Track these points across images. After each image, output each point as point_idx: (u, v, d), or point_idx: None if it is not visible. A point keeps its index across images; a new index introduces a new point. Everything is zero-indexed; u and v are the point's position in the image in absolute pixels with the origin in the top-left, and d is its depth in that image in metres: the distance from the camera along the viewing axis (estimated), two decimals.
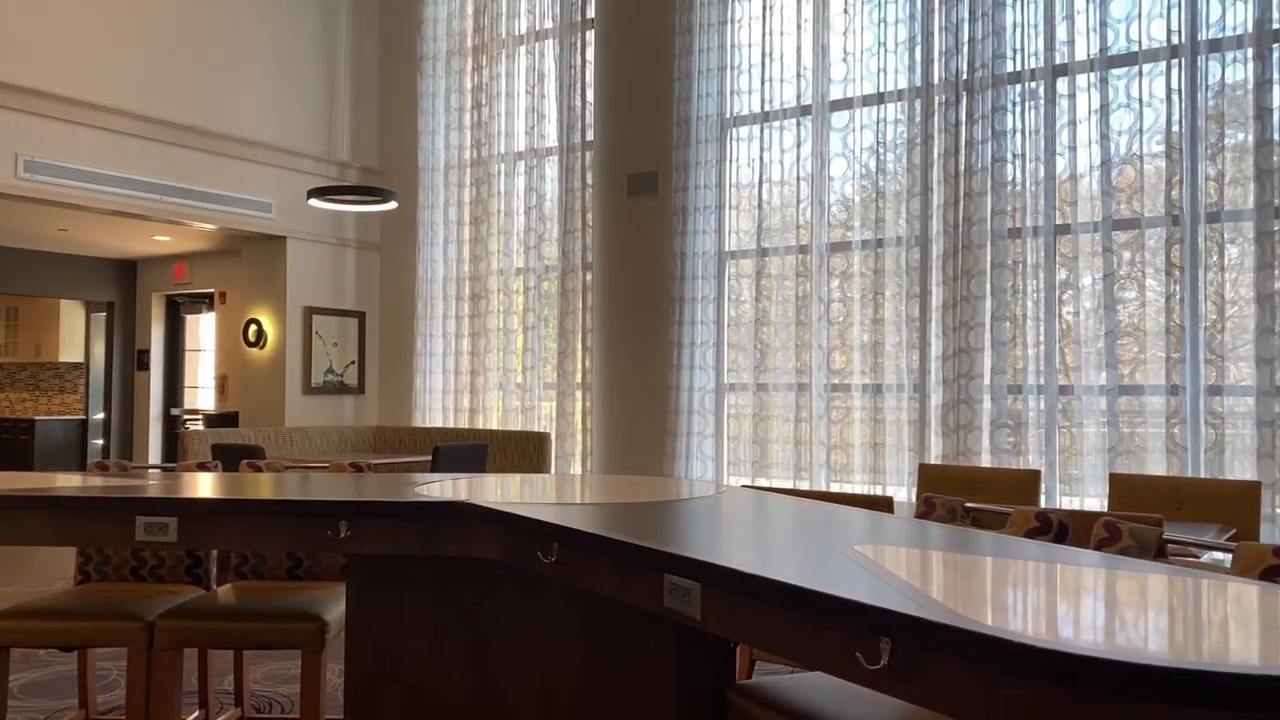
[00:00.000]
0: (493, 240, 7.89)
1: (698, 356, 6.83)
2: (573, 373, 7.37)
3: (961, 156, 5.79)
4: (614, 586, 2.14)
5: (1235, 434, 5.07)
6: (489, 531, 2.50)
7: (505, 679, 2.70)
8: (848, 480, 6.32)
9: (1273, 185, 4.93)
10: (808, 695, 2.23)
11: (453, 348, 8.06)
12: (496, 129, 7.89)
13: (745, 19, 6.78)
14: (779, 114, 6.60)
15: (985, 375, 5.71)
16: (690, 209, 6.84)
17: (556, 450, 7.40)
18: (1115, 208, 5.40)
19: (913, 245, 6.04)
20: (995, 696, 1.38)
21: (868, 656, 1.55)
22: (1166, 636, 1.40)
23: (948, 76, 5.86)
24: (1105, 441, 5.35)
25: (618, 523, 2.33)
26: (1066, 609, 1.56)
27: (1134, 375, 5.38)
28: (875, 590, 1.62)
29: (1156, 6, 5.30)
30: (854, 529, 2.30)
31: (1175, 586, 1.69)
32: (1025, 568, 1.85)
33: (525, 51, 7.81)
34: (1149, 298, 5.33)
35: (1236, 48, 5.08)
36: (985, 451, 5.69)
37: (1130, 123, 5.37)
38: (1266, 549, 1.83)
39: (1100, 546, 2.15)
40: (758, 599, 1.76)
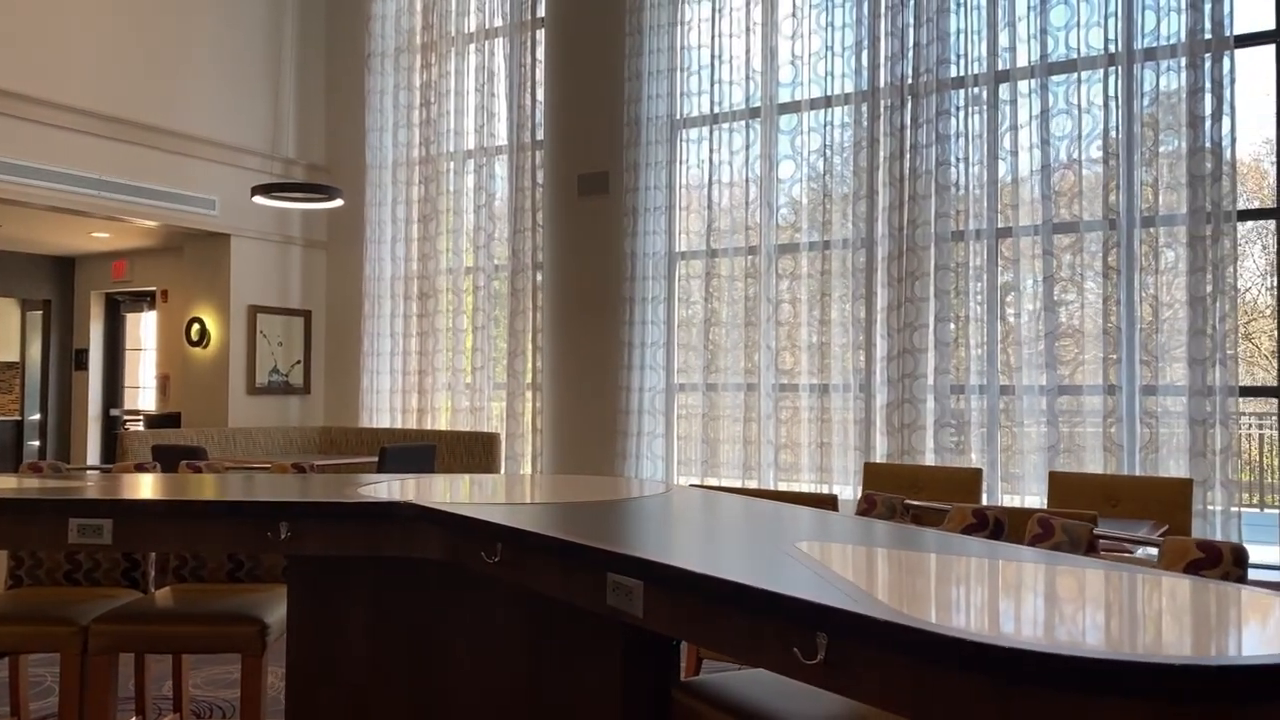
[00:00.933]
0: (441, 239, 7.83)
1: (648, 357, 6.84)
2: (523, 373, 7.34)
3: (906, 160, 5.88)
4: (557, 586, 2.14)
5: (1169, 433, 5.21)
6: (432, 532, 2.49)
7: (449, 680, 2.68)
8: (795, 479, 6.38)
9: (1204, 191, 5.08)
10: (750, 691, 2.25)
11: (400, 347, 7.98)
12: (445, 127, 7.83)
13: (695, 21, 6.81)
14: (728, 116, 6.65)
15: (929, 375, 5.80)
16: (640, 209, 6.85)
17: (506, 451, 7.37)
18: (1055, 211, 5.52)
19: (859, 247, 6.11)
20: (926, 689, 1.41)
21: (805, 652, 1.57)
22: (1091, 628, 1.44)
23: (893, 81, 5.94)
24: (1045, 440, 5.46)
25: (562, 522, 2.33)
26: (997, 602, 1.60)
27: (1073, 376, 5.50)
28: (813, 586, 1.64)
29: (1094, 15, 5.43)
30: (795, 526, 2.32)
31: (1100, 580, 1.74)
32: (959, 563, 1.88)
33: (475, 50, 7.76)
34: (1087, 300, 5.46)
35: (1170, 57, 5.22)
36: (929, 450, 5.78)
37: (1070, 128, 5.49)
38: (1191, 543, 1.89)
39: (1034, 542, 2.20)
40: (699, 596, 1.77)
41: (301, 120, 8.60)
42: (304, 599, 2.91)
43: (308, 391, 8.62)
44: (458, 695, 2.66)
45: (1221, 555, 1.86)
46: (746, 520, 2.46)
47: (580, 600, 2.06)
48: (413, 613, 2.76)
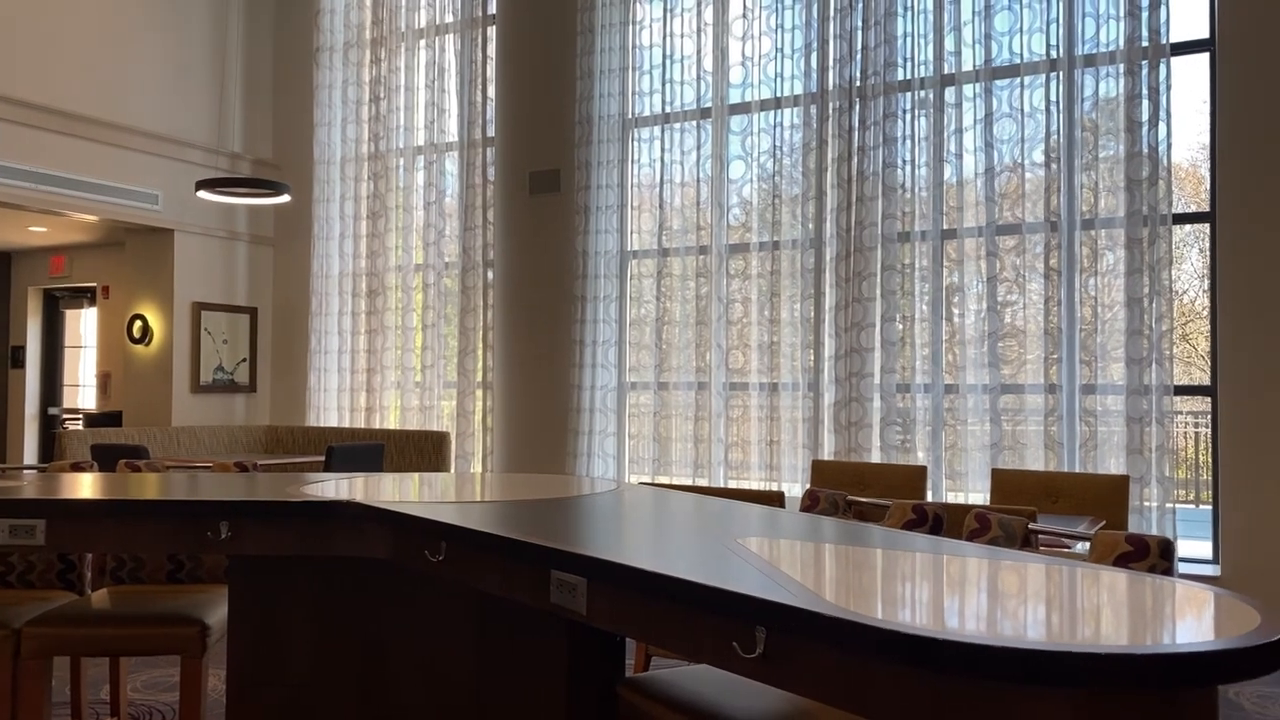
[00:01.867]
0: (391, 236, 7.76)
1: (599, 355, 6.85)
2: (473, 371, 7.30)
3: (854, 162, 5.95)
4: (501, 584, 2.13)
5: (1107, 431, 5.33)
6: (376, 531, 2.47)
7: (393, 679, 2.66)
8: (745, 477, 6.43)
9: (1142, 195, 5.21)
10: (694, 687, 2.27)
11: (349, 345, 7.89)
12: (395, 123, 7.76)
13: (647, 21, 6.83)
14: (680, 116, 6.67)
15: (876, 374, 5.88)
16: (592, 208, 6.85)
17: (456, 450, 7.32)
18: (999, 214, 5.62)
19: (808, 248, 6.17)
20: (862, 681, 1.43)
21: (744, 646, 1.59)
22: (1021, 620, 1.47)
23: (842, 83, 6.01)
24: (988, 438, 5.56)
25: (508, 520, 2.33)
26: (930, 596, 1.63)
27: (1015, 375, 5.61)
28: (753, 581, 1.66)
29: (1037, 21, 5.54)
30: (739, 523, 2.34)
31: (1031, 574, 1.78)
32: (896, 558, 1.92)
33: (425, 45, 7.70)
34: (1030, 300, 5.57)
35: (1109, 63, 5.35)
36: (875, 448, 5.85)
37: (1013, 132, 5.60)
38: (1120, 537, 1.94)
39: (972, 537, 2.24)
40: (640, 592, 1.78)
41: (248, 114, 8.46)
42: (246, 599, 2.87)
43: (253, 390, 8.48)
44: (403, 695, 2.64)
45: (1149, 548, 1.91)
46: (690, 517, 2.48)
47: (524, 598, 2.06)
48: (357, 612, 2.74)
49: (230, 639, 2.87)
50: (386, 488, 2.86)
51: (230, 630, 2.87)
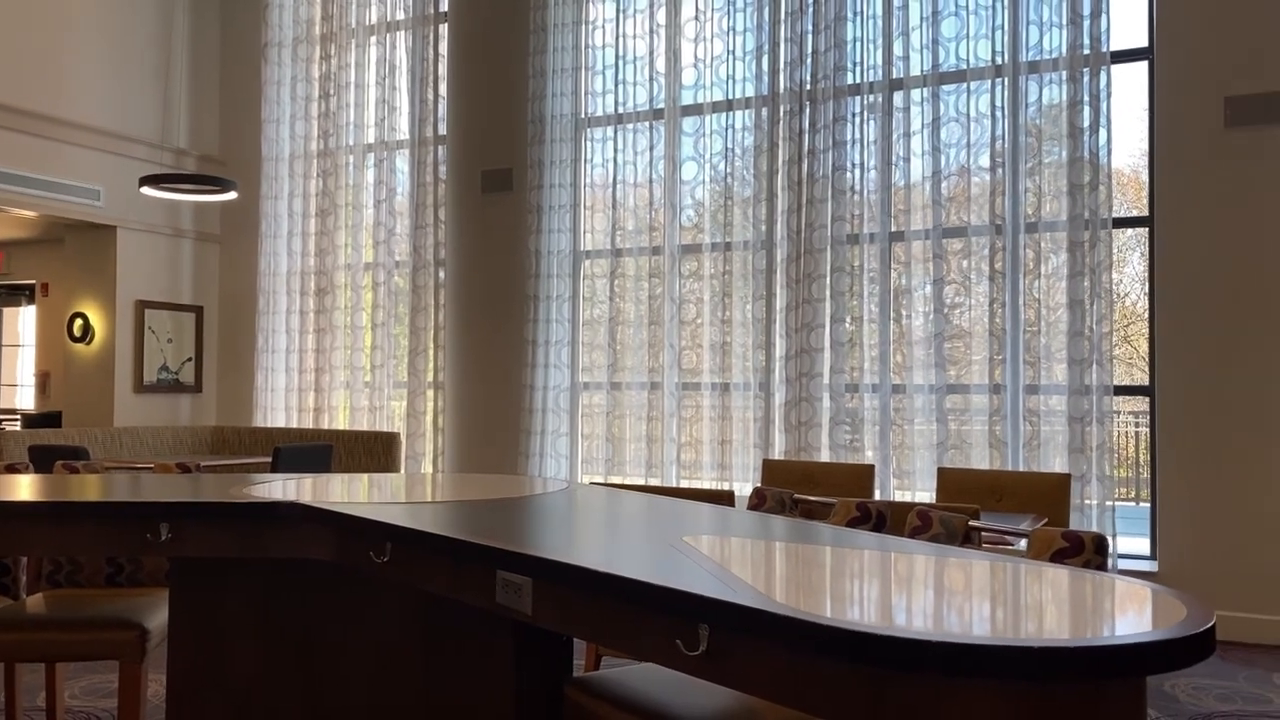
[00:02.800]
0: (340, 234, 7.67)
1: (552, 355, 6.83)
2: (424, 371, 7.24)
3: (805, 164, 6.00)
4: (447, 585, 2.12)
5: (1050, 430, 5.44)
6: (319, 532, 2.44)
7: (339, 682, 2.63)
8: (697, 476, 6.45)
9: (1083, 199, 5.32)
10: (643, 686, 2.28)
11: (297, 344, 7.79)
12: (345, 120, 7.67)
13: (599, 21, 6.83)
14: (632, 116, 6.68)
15: (825, 375, 5.94)
16: (545, 207, 6.84)
17: (407, 450, 7.26)
18: (945, 217, 5.71)
19: (759, 249, 6.22)
20: (803, 677, 1.45)
21: (687, 643, 1.60)
22: (958, 614, 1.50)
23: (792, 86, 6.06)
24: (935, 437, 5.65)
25: (455, 521, 2.32)
26: (870, 591, 1.65)
27: (961, 375, 5.70)
28: (696, 579, 1.67)
29: (983, 28, 5.64)
30: (686, 521, 2.36)
31: (968, 569, 1.82)
32: (838, 554, 1.94)
33: (376, 42, 7.63)
34: (975, 302, 5.66)
35: (1052, 70, 5.46)
36: (825, 447, 5.91)
37: (959, 136, 5.69)
38: (1056, 534, 1.99)
39: (914, 534, 2.28)
40: (585, 591, 1.78)
41: (194, 109, 8.31)
42: (187, 602, 2.82)
43: (199, 390, 8.34)
44: (349, 697, 2.62)
45: (1084, 544, 1.96)
46: (637, 516, 2.48)
47: (469, 598, 2.06)
48: (303, 615, 2.70)
49: (171, 643, 2.82)
50: (332, 489, 2.83)
51: (171, 634, 2.82)
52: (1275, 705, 3.97)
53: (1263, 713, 3.87)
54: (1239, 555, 5.07)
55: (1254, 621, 5.01)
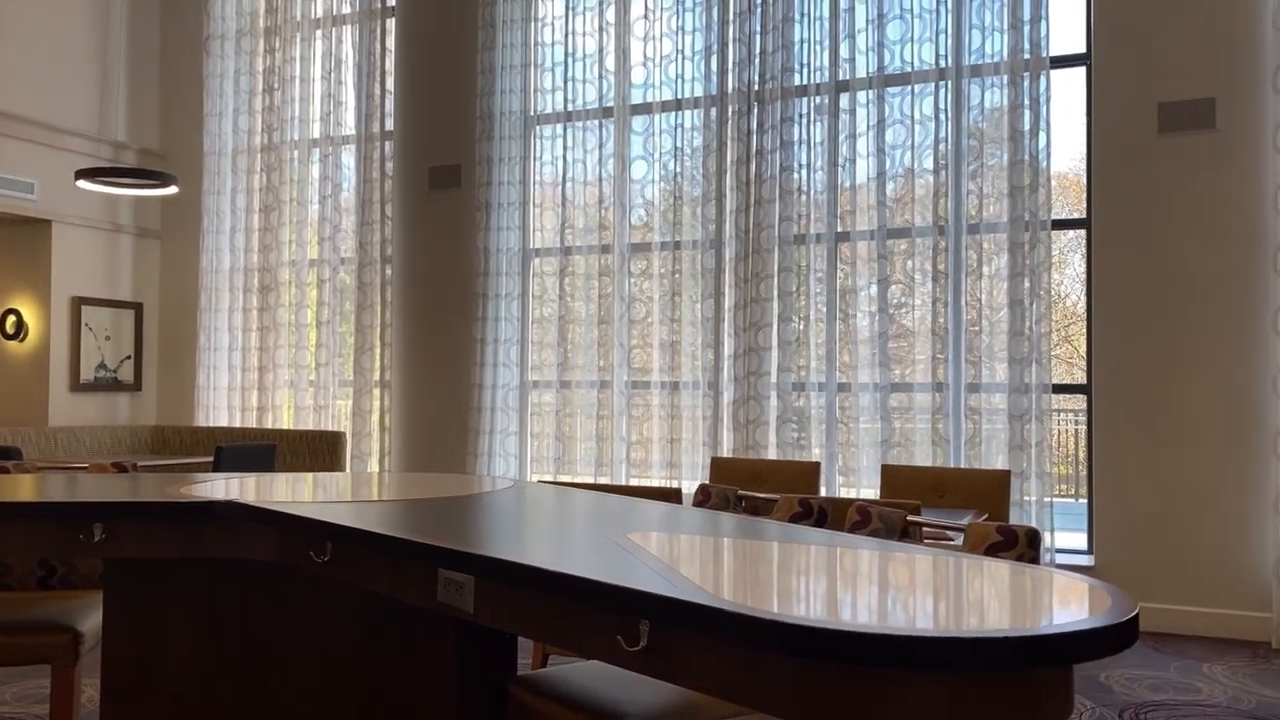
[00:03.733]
0: (285, 230, 7.55)
1: (501, 354, 6.80)
2: (370, 370, 7.17)
3: (753, 164, 6.05)
4: (388, 584, 2.11)
5: (991, 428, 5.55)
6: (260, 532, 2.41)
7: (281, 683, 2.60)
8: (647, 475, 6.47)
9: (1023, 201, 5.43)
10: (585, 682, 2.28)
11: (240, 342, 7.66)
12: (290, 114, 7.56)
13: (548, 18, 6.81)
14: (582, 114, 6.68)
15: (773, 373, 5.99)
16: (494, 204, 6.80)
17: (353, 450, 7.18)
18: (890, 218, 5.79)
19: (708, 248, 6.25)
20: (741, 670, 1.47)
21: (628, 639, 1.61)
22: (890, 607, 1.53)
23: (740, 86, 6.10)
24: (879, 435, 5.73)
25: (397, 520, 2.30)
26: (809, 585, 1.68)
27: (905, 374, 5.79)
28: (638, 574, 1.68)
29: (927, 31, 5.73)
30: (630, 518, 2.37)
31: (903, 563, 1.85)
32: (778, 549, 1.96)
33: (321, 36, 7.52)
34: (919, 302, 5.75)
35: (994, 74, 5.56)
36: (772, 445, 5.96)
37: (904, 138, 5.77)
38: (991, 528, 2.03)
39: (854, 529, 2.31)
40: (527, 589, 1.78)
41: (133, 102, 8.13)
42: (122, 605, 2.76)
43: (138, 388, 8.16)
44: (290, 698, 2.59)
45: (1017, 538, 2.00)
46: (582, 514, 2.49)
47: (411, 597, 2.04)
48: (242, 616, 2.66)
49: (105, 646, 2.76)
50: (274, 488, 2.79)
51: (105, 637, 2.76)
52: (1204, 694, 4.09)
53: (1192, 701, 3.99)
54: (1171, 550, 5.21)
55: (1185, 613, 5.16)
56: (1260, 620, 5.02)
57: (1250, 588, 5.06)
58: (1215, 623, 5.10)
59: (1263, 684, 4.24)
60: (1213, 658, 4.66)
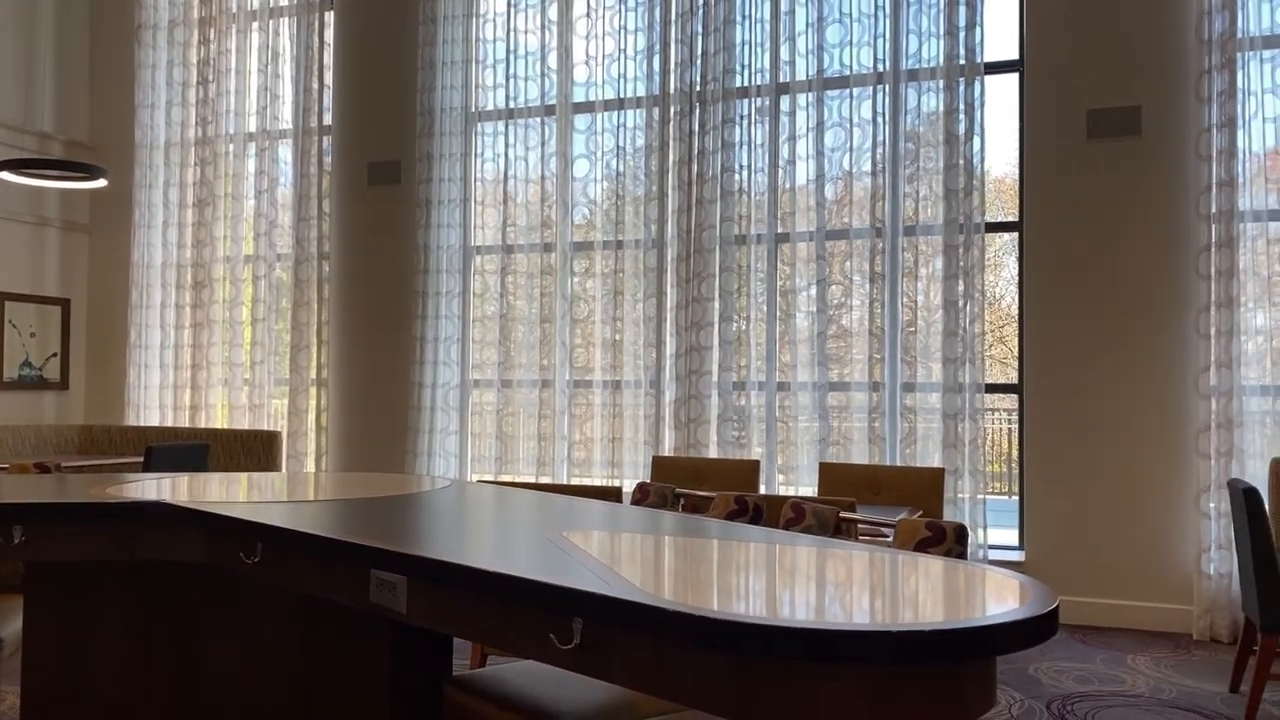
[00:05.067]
0: (219, 225, 7.40)
1: (441, 352, 6.74)
2: (307, 368, 7.05)
3: (694, 165, 6.08)
4: (320, 584, 2.08)
5: (926, 426, 5.65)
6: (189, 533, 2.36)
7: (213, 686, 2.55)
8: (589, 474, 6.47)
9: (958, 204, 5.54)
10: (519, 682, 2.27)
11: (172, 340, 7.48)
12: (225, 107, 7.40)
13: (490, 14, 6.77)
14: (524, 112, 6.65)
15: (714, 372, 6.03)
16: (434, 201, 6.74)
17: (289, 450, 7.06)
18: (828, 219, 5.87)
19: (651, 248, 6.27)
20: (671, 666, 1.48)
21: (561, 637, 1.61)
22: (818, 601, 1.55)
23: (682, 87, 6.13)
24: (818, 434, 5.80)
25: (332, 520, 2.27)
26: (738, 581, 1.69)
27: (843, 373, 5.87)
28: (571, 573, 1.68)
29: (865, 36, 5.81)
30: (566, 518, 2.37)
31: (832, 558, 1.88)
32: (711, 546, 1.98)
33: (258, 28, 7.38)
34: (855, 303, 5.83)
35: (930, 79, 5.66)
36: (713, 444, 6.00)
37: (843, 141, 5.85)
38: (920, 524, 2.07)
39: (788, 525, 2.34)
40: (460, 589, 1.77)
41: (61, 92, 7.89)
42: (44, 610, 2.68)
43: (65, 387, 7.92)
44: (223, 703, 2.54)
45: (945, 534, 2.05)
46: (518, 513, 2.48)
47: (343, 598, 2.02)
48: (174, 619, 2.61)
49: (25, 654, 2.68)
50: (205, 488, 2.74)
51: (25, 644, 2.68)
52: (1128, 685, 4.21)
53: (1116, 692, 4.11)
54: (1099, 545, 5.36)
55: (1112, 607, 5.31)
56: (1183, 613, 5.19)
57: (1174, 582, 5.23)
58: (1141, 616, 5.26)
59: (1183, 674, 4.38)
60: (1137, 650, 4.81)
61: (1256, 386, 5.15)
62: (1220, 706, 3.91)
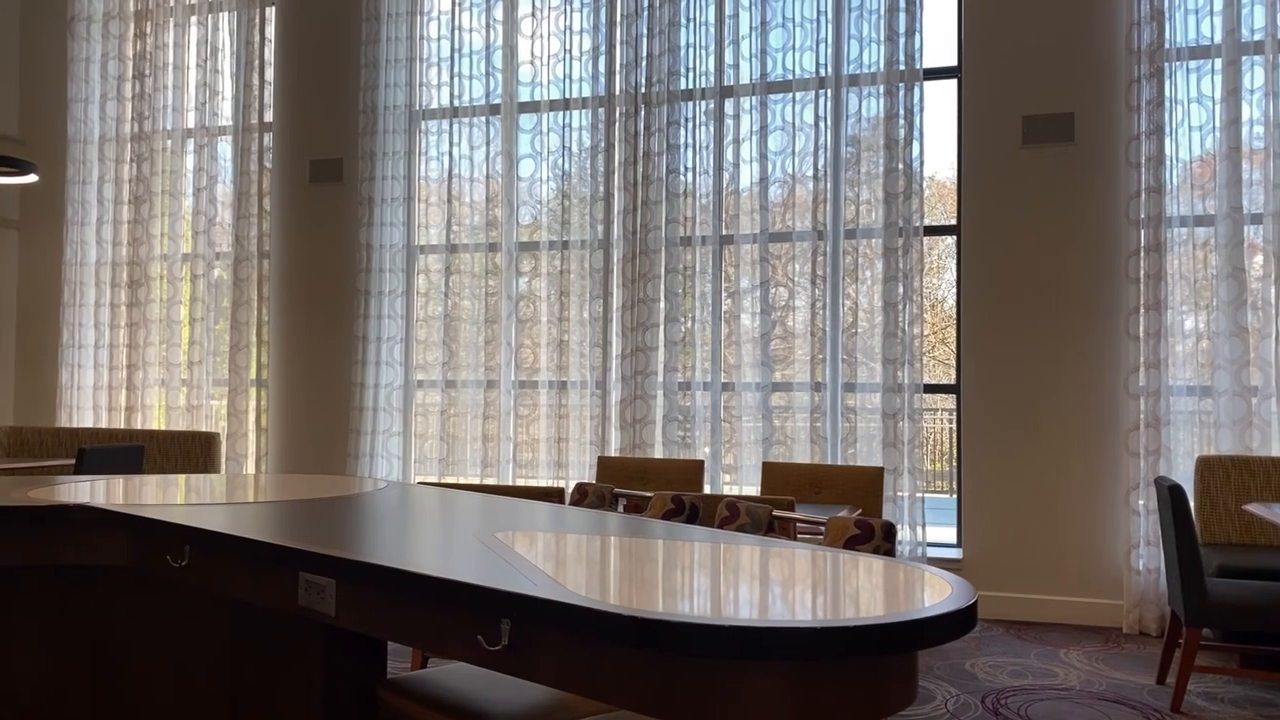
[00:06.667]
0: (156, 222, 7.24)
1: (384, 352, 6.67)
2: (247, 368, 6.94)
3: (640, 166, 6.09)
4: (248, 588, 2.05)
5: (866, 426, 5.73)
6: (114, 536, 2.31)
7: (139, 695, 2.50)
8: (534, 475, 6.45)
9: (898, 208, 5.63)
10: (453, 684, 2.26)
11: (107, 339, 7.31)
12: (162, 102, 7.26)
13: (435, 12, 6.72)
14: (468, 111, 6.61)
15: (660, 373, 6.05)
16: (377, 200, 6.67)
17: (228, 451, 6.93)
18: (772, 222, 5.92)
19: (596, 248, 6.27)
20: (597, 665, 1.48)
21: (489, 638, 1.61)
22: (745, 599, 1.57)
23: (628, 89, 6.14)
24: (761, 433, 5.85)
25: (261, 522, 2.24)
26: (667, 580, 1.71)
27: (785, 374, 5.93)
28: (501, 574, 1.68)
29: (808, 40, 5.87)
30: (501, 518, 2.36)
31: (761, 556, 1.90)
32: (642, 545, 1.99)
33: (197, 23, 7.24)
34: (798, 304, 5.90)
35: (871, 84, 5.74)
36: (658, 444, 6.03)
37: (786, 144, 5.90)
38: (850, 521, 2.10)
39: (723, 524, 2.36)
40: (389, 591, 1.76)
41: None
42: None
43: None
44: (149, 712, 2.49)
45: (874, 531, 2.08)
46: (453, 515, 2.47)
47: (271, 602, 2.00)
48: (98, 627, 2.55)
49: None
50: (136, 491, 2.68)
51: None
52: (1060, 678, 4.31)
53: (1048, 685, 4.20)
54: (1033, 542, 5.48)
55: (1047, 602, 5.43)
56: (1113, 607, 5.32)
57: (1105, 577, 5.37)
58: (1074, 610, 5.38)
59: (1113, 667, 4.49)
60: (1070, 644, 4.92)
61: (1184, 387, 5.30)
62: (1147, 698, 4.02)
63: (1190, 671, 3.82)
